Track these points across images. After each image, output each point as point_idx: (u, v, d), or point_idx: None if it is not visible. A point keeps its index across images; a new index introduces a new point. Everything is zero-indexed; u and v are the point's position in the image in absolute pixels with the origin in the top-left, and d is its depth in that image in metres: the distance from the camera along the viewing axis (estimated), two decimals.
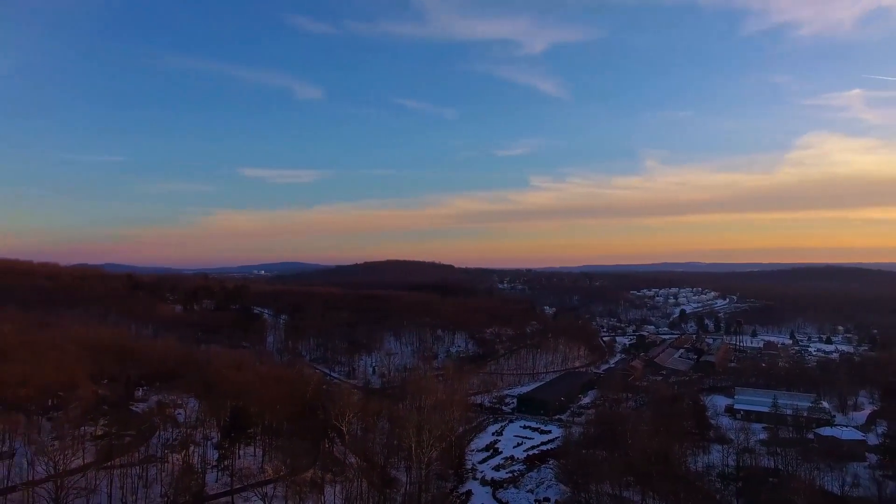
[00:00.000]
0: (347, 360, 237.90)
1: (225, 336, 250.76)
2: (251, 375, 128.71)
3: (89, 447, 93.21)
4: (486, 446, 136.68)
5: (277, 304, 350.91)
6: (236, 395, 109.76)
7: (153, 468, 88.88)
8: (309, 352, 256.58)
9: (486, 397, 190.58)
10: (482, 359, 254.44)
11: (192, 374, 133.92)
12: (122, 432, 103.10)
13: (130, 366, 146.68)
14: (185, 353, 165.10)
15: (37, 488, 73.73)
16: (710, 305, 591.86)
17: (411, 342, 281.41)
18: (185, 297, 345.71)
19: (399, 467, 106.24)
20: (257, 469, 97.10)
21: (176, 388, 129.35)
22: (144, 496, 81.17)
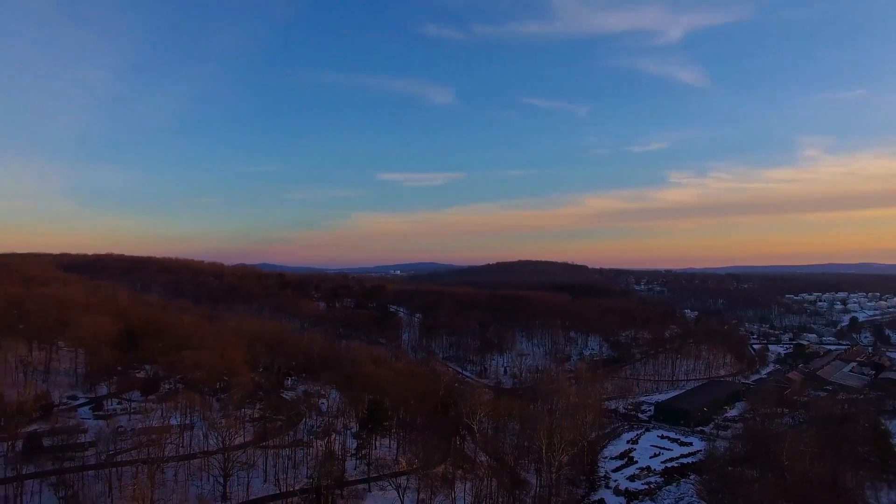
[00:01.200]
0: (479, 359, 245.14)
1: (363, 332, 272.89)
2: (387, 371, 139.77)
3: (248, 427, 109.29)
4: (621, 454, 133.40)
5: (412, 303, 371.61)
6: (374, 388, 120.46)
7: (300, 451, 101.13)
8: (442, 350, 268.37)
9: (621, 403, 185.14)
10: (617, 363, 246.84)
11: (334, 367, 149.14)
12: (275, 416, 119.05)
13: (281, 357, 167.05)
14: (327, 347, 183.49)
15: (210, 458, 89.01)
16: (892, 313, 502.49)
17: (543, 343, 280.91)
18: (328, 295, 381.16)
19: (529, 469, 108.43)
20: (392, 460, 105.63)
21: (320, 380, 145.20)
22: (293, 476, 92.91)
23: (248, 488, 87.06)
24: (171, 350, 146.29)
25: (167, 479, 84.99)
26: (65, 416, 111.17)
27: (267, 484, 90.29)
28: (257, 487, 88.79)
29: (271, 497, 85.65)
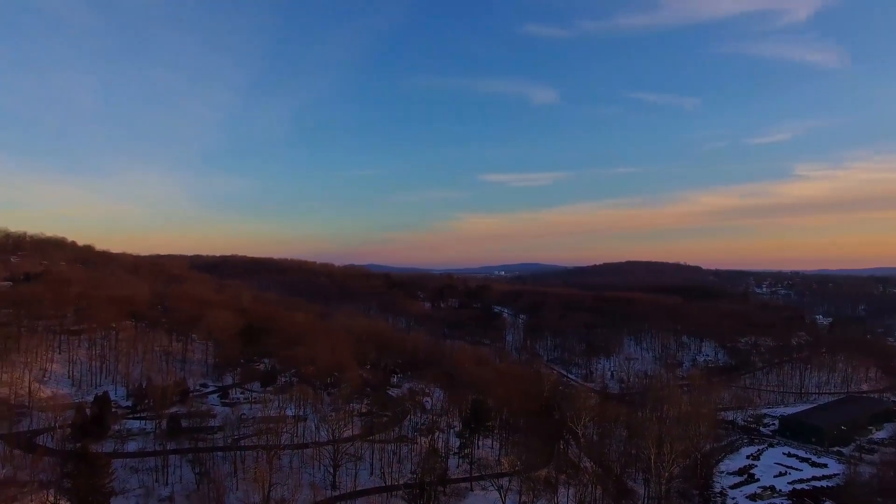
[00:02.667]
0: (585, 362, 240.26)
1: (467, 332, 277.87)
2: (491, 371, 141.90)
3: (356, 421, 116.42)
4: (739, 470, 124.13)
5: (517, 304, 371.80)
6: (477, 388, 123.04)
7: (405, 447, 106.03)
8: (546, 352, 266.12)
9: (740, 415, 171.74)
10: (735, 371, 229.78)
11: (438, 366, 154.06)
12: (381, 412, 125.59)
13: (388, 354, 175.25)
14: (432, 347, 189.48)
15: (321, 448, 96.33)
16: None
17: (653, 347, 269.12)
18: (433, 295, 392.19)
19: (636, 478, 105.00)
20: (494, 461, 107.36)
21: (424, 378, 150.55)
22: (398, 470, 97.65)
23: (356, 479, 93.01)
24: (287, 345, 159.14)
25: (283, 466, 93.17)
26: (198, 402, 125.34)
27: (373, 477, 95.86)
28: (364, 479, 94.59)
29: (377, 489, 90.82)
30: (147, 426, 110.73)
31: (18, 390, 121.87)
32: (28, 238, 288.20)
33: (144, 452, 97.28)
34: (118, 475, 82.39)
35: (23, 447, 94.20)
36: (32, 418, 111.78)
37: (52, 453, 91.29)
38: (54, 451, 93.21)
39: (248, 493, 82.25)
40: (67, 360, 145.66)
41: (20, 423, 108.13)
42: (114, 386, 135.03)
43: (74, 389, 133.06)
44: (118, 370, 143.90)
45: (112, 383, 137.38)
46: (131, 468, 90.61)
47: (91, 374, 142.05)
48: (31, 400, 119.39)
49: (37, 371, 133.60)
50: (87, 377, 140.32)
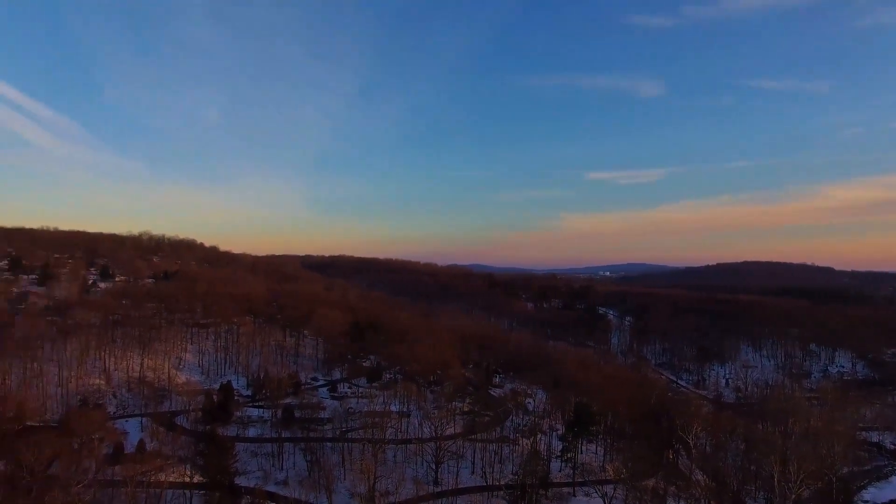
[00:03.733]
0: (697, 368, 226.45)
1: (571, 334, 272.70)
2: (595, 374, 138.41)
3: (458, 420, 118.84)
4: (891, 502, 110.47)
5: (623, 306, 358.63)
6: (581, 391, 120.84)
7: (506, 447, 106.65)
8: (654, 356, 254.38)
9: (888, 437, 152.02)
10: (878, 386, 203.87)
11: (541, 367, 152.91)
12: (483, 412, 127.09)
13: (490, 354, 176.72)
14: (535, 347, 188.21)
15: (424, 445, 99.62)
16: None
17: (774, 355, 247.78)
18: (536, 296, 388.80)
19: (757, 497, 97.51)
20: (598, 467, 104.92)
21: (527, 379, 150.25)
22: (499, 470, 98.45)
23: (457, 477, 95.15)
24: (392, 343, 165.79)
25: (388, 459, 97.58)
26: (309, 394, 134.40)
27: (474, 475, 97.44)
28: (465, 478, 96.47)
29: (478, 488, 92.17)
30: (264, 414, 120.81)
31: (160, 375, 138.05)
32: (166, 240, 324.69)
33: (262, 438, 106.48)
34: (240, 457, 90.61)
35: (165, 425, 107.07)
36: (172, 400, 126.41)
37: (187, 433, 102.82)
38: (189, 431, 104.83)
39: (355, 483, 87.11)
40: (198, 350, 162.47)
41: (163, 404, 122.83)
42: (236, 376, 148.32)
43: (204, 377, 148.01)
44: (239, 361, 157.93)
45: (234, 373, 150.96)
46: (251, 452, 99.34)
47: (217, 364, 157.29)
48: (170, 384, 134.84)
49: (174, 359, 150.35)
50: (214, 367, 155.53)
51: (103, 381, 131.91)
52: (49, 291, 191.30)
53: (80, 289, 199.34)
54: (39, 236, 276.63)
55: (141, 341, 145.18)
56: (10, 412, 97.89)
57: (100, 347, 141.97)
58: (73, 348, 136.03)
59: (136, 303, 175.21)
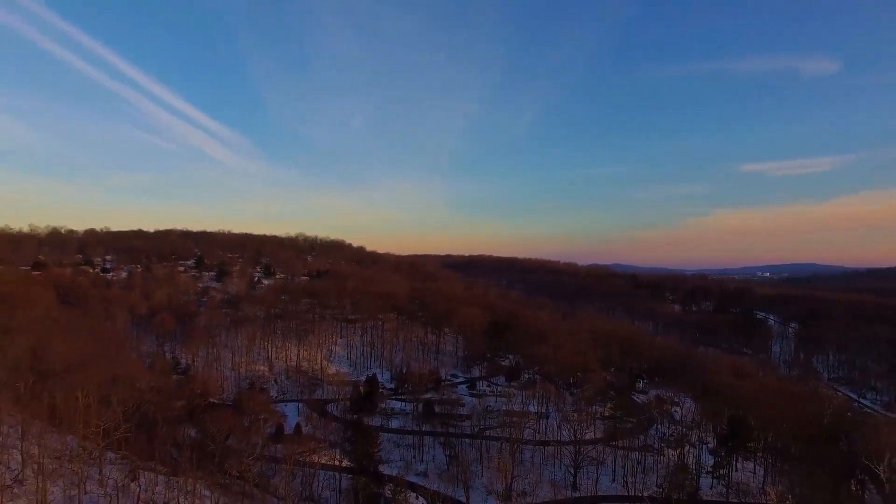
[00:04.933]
0: (886, 386, 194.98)
1: (724, 339, 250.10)
2: (753, 385, 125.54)
3: (599, 424, 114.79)
4: None
5: (786, 310, 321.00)
6: (736, 403, 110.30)
7: (650, 457, 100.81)
8: (827, 369, 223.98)
9: None
10: None
11: (689, 374, 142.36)
12: (625, 417, 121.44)
13: (632, 358, 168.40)
14: (683, 353, 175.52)
15: (563, 447, 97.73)
16: None
17: None
18: (684, 297, 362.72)
19: None
20: (757, 488, 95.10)
21: (673, 386, 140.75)
22: (642, 481, 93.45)
23: (597, 483, 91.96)
24: (531, 343, 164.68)
25: (525, 460, 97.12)
26: (449, 390, 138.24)
27: (615, 483, 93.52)
28: (605, 485, 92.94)
29: (619, 497, 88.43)
30: (406, 407, 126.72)
31: (314, 366, 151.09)
32: (318, 241, 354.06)
33: (404, 430, 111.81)
34: (384, 446, 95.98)
35: (318, 412, 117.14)
36: (324, 389, 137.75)
37: (337, 420, 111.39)
38: (338, 418, 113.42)
39: (492, 481, 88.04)
40: (347, 344, 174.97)
41: (316, 392, 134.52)
42: (381, 369, 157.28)
43: (352, 369, 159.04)
44: (384, 356, 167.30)
45: (379, 367, 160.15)
46: (394, 442, 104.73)
47: (364, 357, 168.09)
48: (322, 374, 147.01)
49: (326, 351, 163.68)
50: (361, 360, 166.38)
51: (266, 368, 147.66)
52: (224, 287, 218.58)
53: (248, 285, 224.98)
54: (217, 239, 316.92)
55: (297, 334, 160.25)
56: (198, 389, 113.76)
57: (264, 338, 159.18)
58: (243, 337, 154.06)
59: (294, 298, 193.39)
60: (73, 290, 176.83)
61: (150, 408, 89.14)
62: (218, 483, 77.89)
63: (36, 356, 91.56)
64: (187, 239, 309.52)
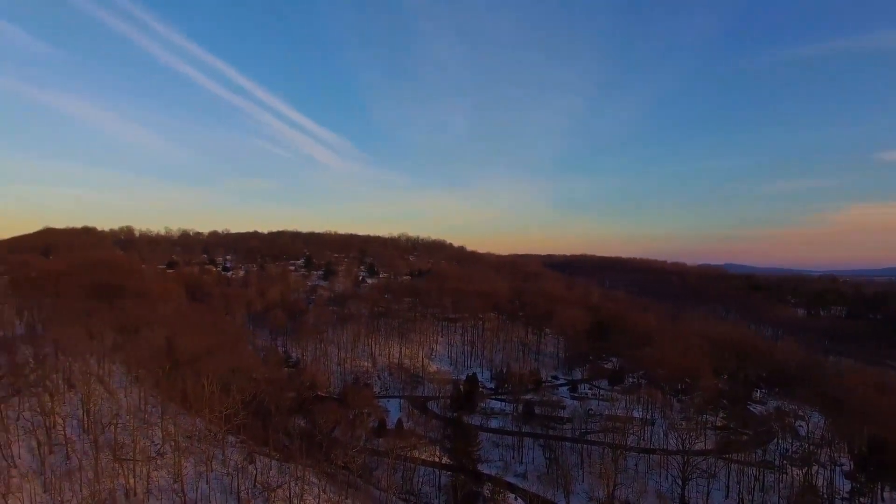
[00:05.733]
0: None
1: (859, 348, 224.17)
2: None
3: (710, 435, 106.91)
4: None
5: None
6: (877, 421, 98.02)
7: (770, 474, 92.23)
8: None
9: None
10: None
11: (816, 385, 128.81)
12: (740, 429, 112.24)
13: (749, 365, 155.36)
14: (809, 361, 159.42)
15: (669, 457, 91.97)
16: None
17: None
18: (810, 301, 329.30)
19: None
20: None
21: (797, 397, 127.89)
22: (759, 499, 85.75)
23: (707, 498, 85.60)
24: (636, 345, 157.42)
25: (628, 467, 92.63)
26: (549, 392, 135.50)
27: (728, 500, 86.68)
28: (717, 501, 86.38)
29: None
30: (506, 407, 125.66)
31: (415, 363, 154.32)
32: (420, 241, 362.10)
33: (504, 430, 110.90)
34: (483, 446, 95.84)
35: (419, 408, 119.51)
36: (424, 386, 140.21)
37: (437, 417, 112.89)
38: (439, 416, 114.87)
39: (593, 487, 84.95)
40: (447, 342, 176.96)
41: (417, 389, 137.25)
42: (480, 368, 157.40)
43: (452, 368, 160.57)
44: (484, 355, 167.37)
45: (479, 366, 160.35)
46: (493, 442, 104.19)
47: (464, 356, 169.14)
48: (423, 372, 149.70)
49: (427, 349, 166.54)
50: (461, 358, 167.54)
51: (370, 364, 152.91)
52: (331, 285, 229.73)
53: (353, 284, 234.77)
54: (325, 239, 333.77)
55: (399, 331, 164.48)
56: (307, 382, 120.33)
57: (368, 335, 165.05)
58: (348, 334, 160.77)
59: (396, 297, 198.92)
60: (199, 287, 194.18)
61: (264, 397, 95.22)
62: (325, 472, 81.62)
63: (170, 346, 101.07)
64: (297, 240, 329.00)
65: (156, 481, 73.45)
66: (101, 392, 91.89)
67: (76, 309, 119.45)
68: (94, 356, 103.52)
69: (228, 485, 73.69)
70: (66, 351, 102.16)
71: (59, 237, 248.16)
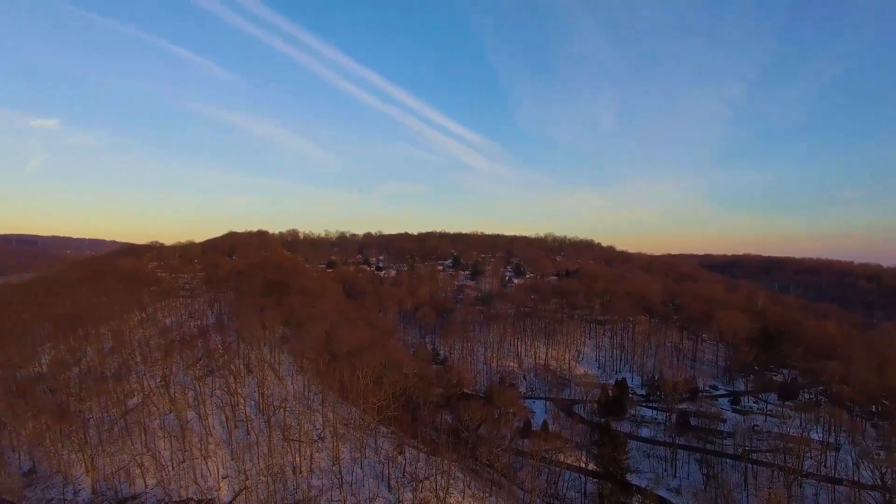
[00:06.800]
0: None
1: None
2: None
3: None
4: None
5: None
6: None
7: None
8: None
9: None
10: None
11: None
12: None
13: None
14: None
15: (862, 491, 77.86)
16: None
17: None
18: None
19: None
20: None
21: None
22: None
23: None
24: (813, 357, 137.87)
25: (805, 496, 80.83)
26: (707, 403, 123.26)
27: None
28: None
29: None
30: (658, 416, 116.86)
31: (561, 365, 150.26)
32: (567, 241, 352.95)
33: (656, 441, 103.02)
34: (633, 455, 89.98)
35: (565, 411, 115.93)
36: (571, 389, 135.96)
37: (584, 422, 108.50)
38: (585, 420, 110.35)
39: None
40: (595, 345, 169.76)
41: (563, 391, 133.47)
42: (630, 374, 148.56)
43: (600, 371, 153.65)
44: (634, 360, 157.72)
45: (629, 371, 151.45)
46: (644, 452, 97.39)
47: (612, 360, 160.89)
48: (570, 374, 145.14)
49: (573, 351, 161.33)
50: (609, 362, 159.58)
51: (516, 364, 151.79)
52: (478, 285, 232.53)
53: (500, 283, 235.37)
54: (472, 240, 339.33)
55: (546, 332, 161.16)
56: (454, 379, 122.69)
57: (513, 335, 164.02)
58: (494, 333, 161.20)
59: (543, 297, 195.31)
60: (354, 285, 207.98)
61: (413, 392, 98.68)
62: (470, 468, 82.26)
63: (329, 339, 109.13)
64: (445, 240, 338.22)
65: (317, 462, 79.51)
66: (272, 378, 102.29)
67: (252, 303, 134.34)
68: (267, 345, 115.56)
69: (380, 472, 77.39)
70: (245, 339, 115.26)
71: (239, 240, 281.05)
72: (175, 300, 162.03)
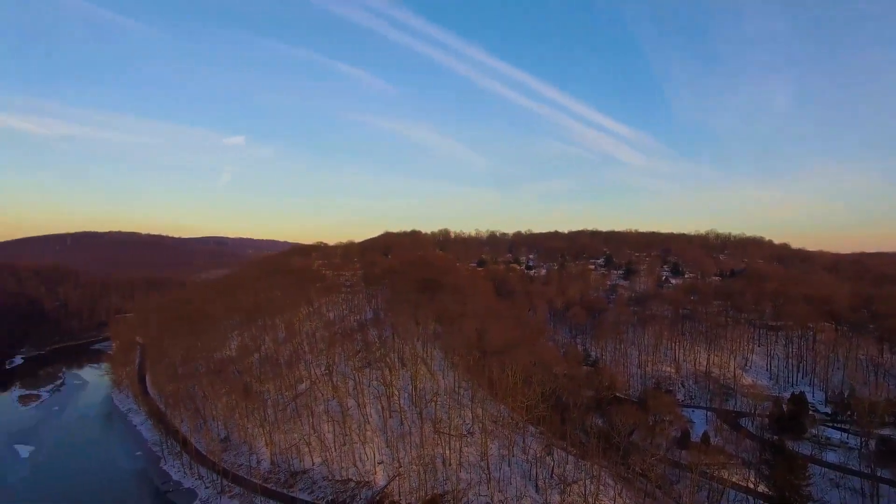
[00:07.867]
0: None
1: None
2: None
3: None
4: None
5: None
6: None
7: None
8: None
9: None
10: None
11: None
12: None
13: None
14: None
15: None
16: None
17: None
18: None
19: None
20: None
21: None
22: None
23: None
24: None
25: None
26: None
27: None
28: None
29: None
30: (849, 440, 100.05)
31: (725, 373, 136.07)
32: (731, 238, 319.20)
33: (847, 469, 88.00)
34: (815, 482, 77.94)
35: (729, 424, 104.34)
36: (736, 400, 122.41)
37: (752, 437, 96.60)
38: (753, 435, 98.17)
39: None
40: (766, 353, 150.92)
41: (727, 402, 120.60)
42: (810, 388, 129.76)
43: (772, 383, 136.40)
44: (815, 372, 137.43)
45: (808, 385, 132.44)
46: (831, 480, 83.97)
47: (787, 370, 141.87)
48: (735, 384, 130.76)
49: (739, 359, 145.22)
50: (784, 373, 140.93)
51: (673, 370, 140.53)
52: (631, 285, 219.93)
53: (655, 283, 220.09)
54: (625, 238, 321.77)
55: (707, 337, 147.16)
56: (605, 381, 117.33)
57: (670, 338, 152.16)
58: (649, 336, 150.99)
59: (704, 299, 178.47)
60: (504, 283, 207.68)
61: (563, 392, 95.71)
62: (621, 475, 77.47)
63: (480, 337, 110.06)
64: (596, 239, 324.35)
65: (466, 456, 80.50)
66: (424, 372, 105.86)
67: (406, 300, 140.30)
68: (420, 341, 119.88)
69: (528, 471, 76.06)
70: (400, 334, 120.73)
71: (394, 239, 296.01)
72: (337, 296, 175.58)
